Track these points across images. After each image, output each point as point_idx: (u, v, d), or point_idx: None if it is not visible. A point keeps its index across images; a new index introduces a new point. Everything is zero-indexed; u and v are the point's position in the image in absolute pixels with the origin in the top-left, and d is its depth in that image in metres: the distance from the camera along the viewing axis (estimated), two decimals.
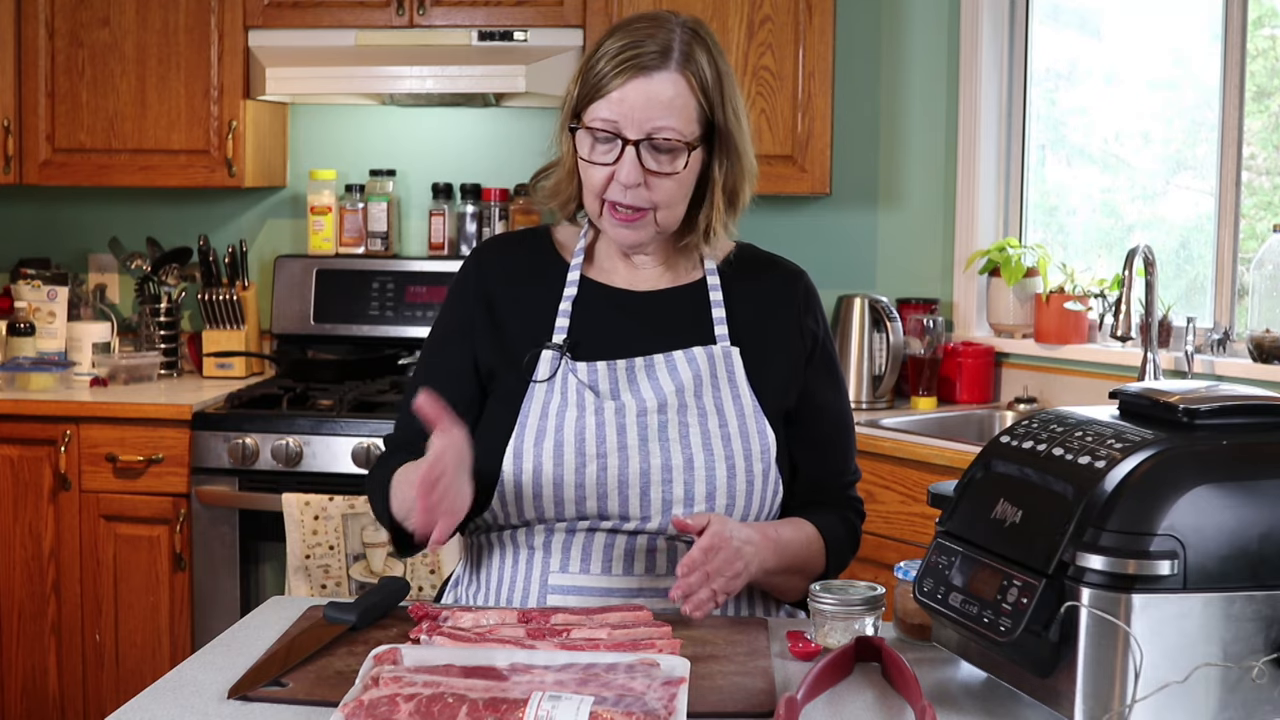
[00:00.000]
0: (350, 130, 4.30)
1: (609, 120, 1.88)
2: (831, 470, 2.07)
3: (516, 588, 1.94)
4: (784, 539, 1.92)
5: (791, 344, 2.03)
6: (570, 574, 1.91)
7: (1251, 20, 3.48)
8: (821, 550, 1.98)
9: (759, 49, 3.78)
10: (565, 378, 1.94)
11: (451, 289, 2.06)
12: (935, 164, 4.05)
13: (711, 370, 1.95)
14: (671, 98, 1.88)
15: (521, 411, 1.94)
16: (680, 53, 1.89)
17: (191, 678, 1.63)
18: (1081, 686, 1.42)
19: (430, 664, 1.53)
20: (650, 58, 1.88)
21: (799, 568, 1.95)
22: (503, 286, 2.02)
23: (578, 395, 1.93)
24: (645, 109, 1.87)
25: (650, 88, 1.88)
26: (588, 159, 1.91)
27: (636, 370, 1.95)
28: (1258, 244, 3.46)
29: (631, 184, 1.89)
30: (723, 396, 1.95)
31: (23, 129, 4.01)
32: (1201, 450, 1.45)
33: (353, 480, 3.53)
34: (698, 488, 1.91)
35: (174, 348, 4.15)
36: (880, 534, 3.30)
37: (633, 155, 1.88)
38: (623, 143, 1.88)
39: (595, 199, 1.94)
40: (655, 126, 1.87)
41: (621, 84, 1.87)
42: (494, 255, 2.07)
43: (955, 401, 3.86)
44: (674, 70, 1.89)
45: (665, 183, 1.90)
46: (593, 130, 1.90)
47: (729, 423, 1.94)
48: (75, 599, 3.70)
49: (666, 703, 1.42)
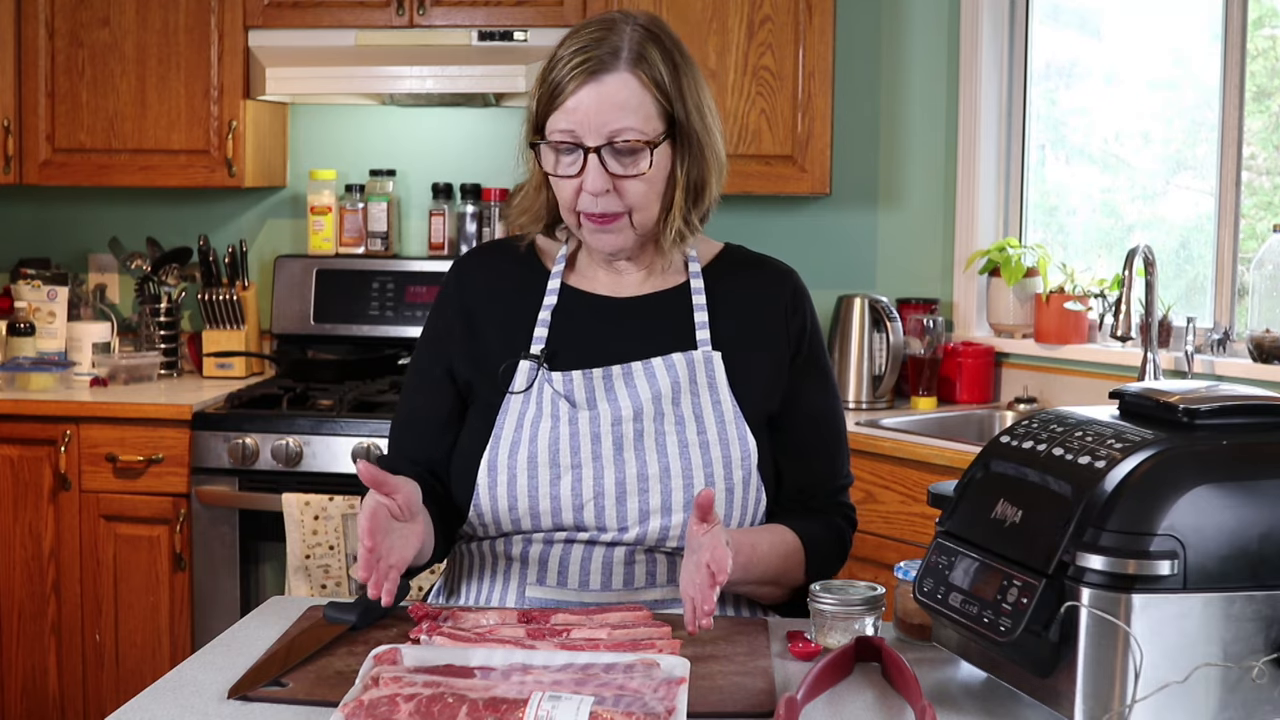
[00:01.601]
0: (350, 130, 4.30)
1: (567, 131, 1.85)
2: (819, 475, 2.01)
3: (493, 600, 1.93)
4: (759, 552, 1.87)
5: (777, 346, 1.98)
6: (548, 586, 1.90)
7: (1251, 20, 3.48)
8: (801, 561, 1.93)
9: (759, 49, 3.78)
10: (541, 388, 1.91)
11: (435, 301, 2.06)
12: (935, 164, 4.05)
13: (691, 376, 1.92)
14: (625, 98, 1.84)
15: (496, 423, 1.92)
16: (631, 51, 1.85)
17: (191, 678, 1.63)
18: (1081, 686, 1.41)
19: (430, 664, 1.53)
20: (598, 61, 1.84)
21: (772, 579, 1.91)
22: (483, 298, 2.00)
23: (552, 405, 1.90)
24: (600, 113, 1.83)
25: (603, 91, 1.84)
26: (554, 173, 1.88)
27: (614, 378, 1.92)
28: (1258, 244, 3.46)
29: (599, 191, 1.85)
30: (702, 403, 1.91)
31: (23, 129, 4.01)
32: (1201, 450, 1.45)
33: (353, 480, 3.53)
34: (675, 496, 1.87)
35: (174, 348, 4.15)
36: (880, 534, 3.30)
37: (596, 163, 1.84)
38: (584, 151, 1.85)
39: (570, 212, 1.91)
40: (613, 130, 1.84)
41: (574, 90, 1.84)
42: (474, 267, 2.04)
43: (955, 401, 3.86)
44: (625, 70, 1.84)
45: (634, 185, 1.86)
46: (554, 144, 1.87)
47: (708, 430, 1.91)
48: (75, 599, 3.70)
49: (666, 703, 1.42)
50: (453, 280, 2.04)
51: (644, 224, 1.91)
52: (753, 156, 3.77)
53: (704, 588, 1.62)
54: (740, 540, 1.84)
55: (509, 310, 1.98)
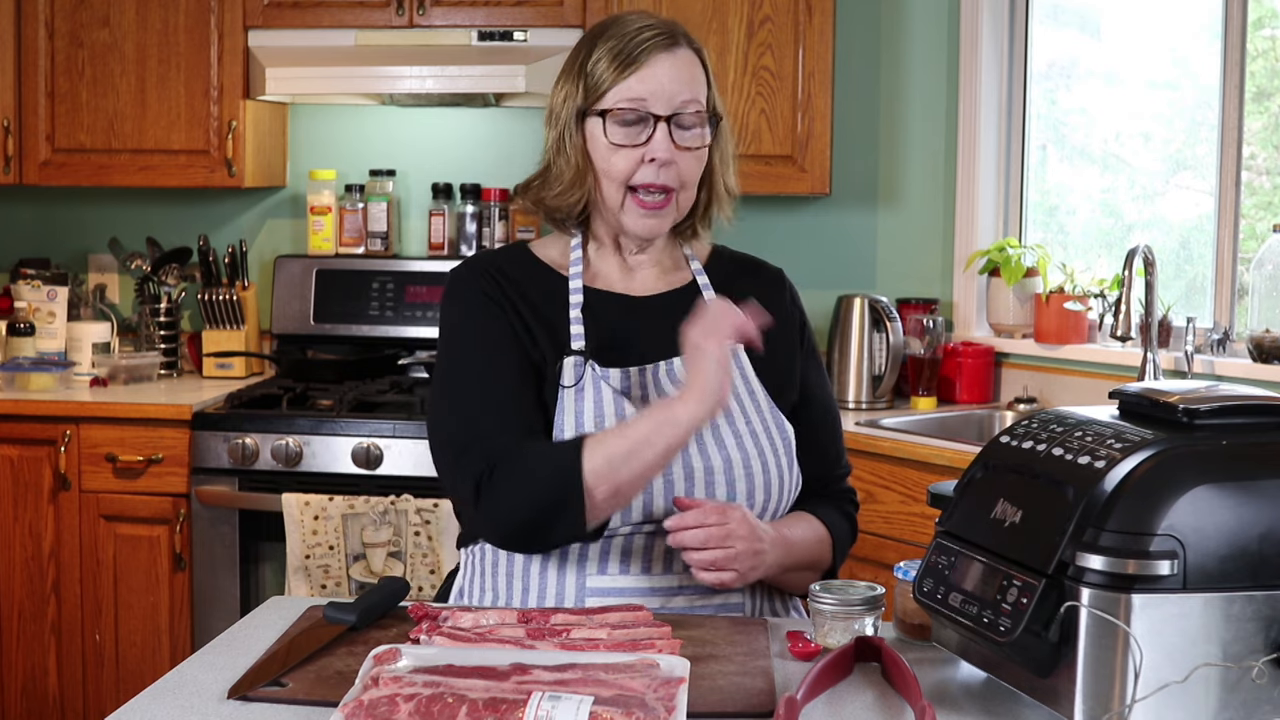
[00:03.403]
0: (350, 130, 4.30)
1: (638, 99, 1.91)
2: (828, 462, 2.08)
3: (549, 592, 1.92)
4: (795, 537, 1.95)
5: (789, 338, 2.06)
6: (609, 576, 1.91)
7: (1251, 20, 3.48)
8: (829, 546, 2.01)
9: (759, 49, 3.78)
10: (597, 385, 1.92)
11: (465, 302, 1.98)
12: (935, 164, 4.05)
13: None
14: (693, 73, 1.94)
15: (556, 422, 1.91)
16: (684, 36, 1.96)
17: (191, 678, 1.63)
18: (1081, 686, 1.42)
19: (430, 664, 1.53)
20: (669, 37, 1.94)
21: (810, 564, 1.99)
22: (511, 296, 1.98)
23: (615, 405, 1.91)
24: (674, 83, 1.91)
25: (675, 62, 1.93)
26: (616, 144, 1.92)
27: (660, 375, 1.96)
28: (1258, 244, 3.46)
29: (666, 160, 1.91)
30: (740, 395, 1.97)
31: (23, 129, 4.01)
32: (1201, 450, 1.45)
33: (352, 480, 3.54)
34: (738, 486, 1.92)
35: (174, 348, 4.15)
36: (880, 534, 3.30)
37: (665, 131, 1.91)
38: (654, 120, 1.91)
39: (619, 188, 1.94)
40: (684, 100, 1.92)
41: (650, 59, 1.91)
42: (492, 267, 2.00)
43: (955, 401, 3.86)
44: (688, 48, 1.96)
45: (690, 160, 1.94)
46: (620, 112, 1.91)
47: (752, 420, 1.96)
48: (75, 599, 3.70)
49: (666, 703, 1.42)
50: (480, 278, 1.98)
51: (685, 204, 1.98)
52: (753, 156, 3.77)
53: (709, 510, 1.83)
54: (778, 528, 1.93)
55: (535, 310, 1.97)
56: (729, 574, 1.84)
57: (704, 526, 1.82)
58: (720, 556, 1.83)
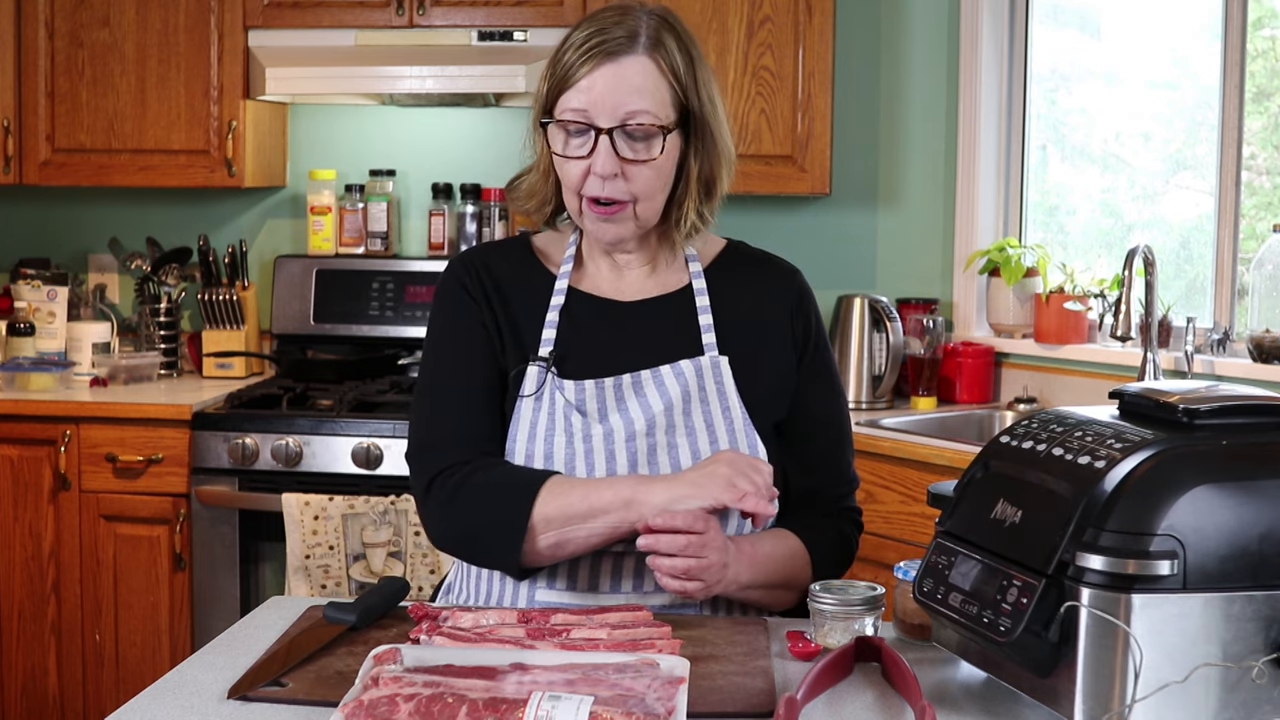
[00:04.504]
0: (350, 130, 4.30)
1: (579, 110, 1.84)
2: (825, 479, 2.01)
3: (505, 600, 1.92)
4: (762, 554, 1.88)
5: (783, 348, 1.98)
6: (558, 590, 1.89)
7: (1251, 21, 3.48)
8: (807, 564, 1.93)
9: (759, 49, 3.78)
10: (553, 396, 1.89)
11: (448, 298, 1.98)
12: (935, 164, 4.05)
13: (700, 384, 1.91)
14: (642, 81, 1.84)
15: (510, 432, 1.90)
16: (648, 37, 1.86)
17: (191, 678, 1.63)
18: (1081, 686, 1.41)
19: (430, 664, 1.53)
20: (617, 43, 1.84)
21: (780, 582, 1.91)
22: (493, 294, 1.96)
23: (565, 419, 1.88)
24: (615, 94, 1.83)
25: (619, 72, 1.84)
26: (562, 154, 1.87)
27: (624, 388, 1.90)
28: (1258, 244, 3.46)
29: (608, 174, 1.84)
30: (712, 411, 1.91)
31: (23, 129, 4.01)
32: (1201, 450, 1.45)
33: (352, 480, 3.53)
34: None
35: (174, 348, 4.15)
36: (880, 534, 3.30)
37: (607, 144, 1.84)
38: (595, 132, 1.84)
39: (574, 195, 1.89)
40: (628, 111, 1.83)
41: (589, 71, 1.83)
42: (480, 262, 1.99)
43: (955, 401, 3.86)
44: (642, 54, 1.85)
45: (643, 171, 1.86)
46: (564, 124, 1.86)
47: (719, 439, 1.90)
48: (75, 599, 3.70)
49: (666, 703, 1.42)
50: (464, 273, 1.98)
51: (647, 215, 1.90)
52: (753, 156, 3.77)
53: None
54: (741, 544, 1.85)
55: (515, 310, 1.96)
56: (695, 584, 1.78)
57: (680, 532, 1.76)
58: (693, 565, 1.76)
